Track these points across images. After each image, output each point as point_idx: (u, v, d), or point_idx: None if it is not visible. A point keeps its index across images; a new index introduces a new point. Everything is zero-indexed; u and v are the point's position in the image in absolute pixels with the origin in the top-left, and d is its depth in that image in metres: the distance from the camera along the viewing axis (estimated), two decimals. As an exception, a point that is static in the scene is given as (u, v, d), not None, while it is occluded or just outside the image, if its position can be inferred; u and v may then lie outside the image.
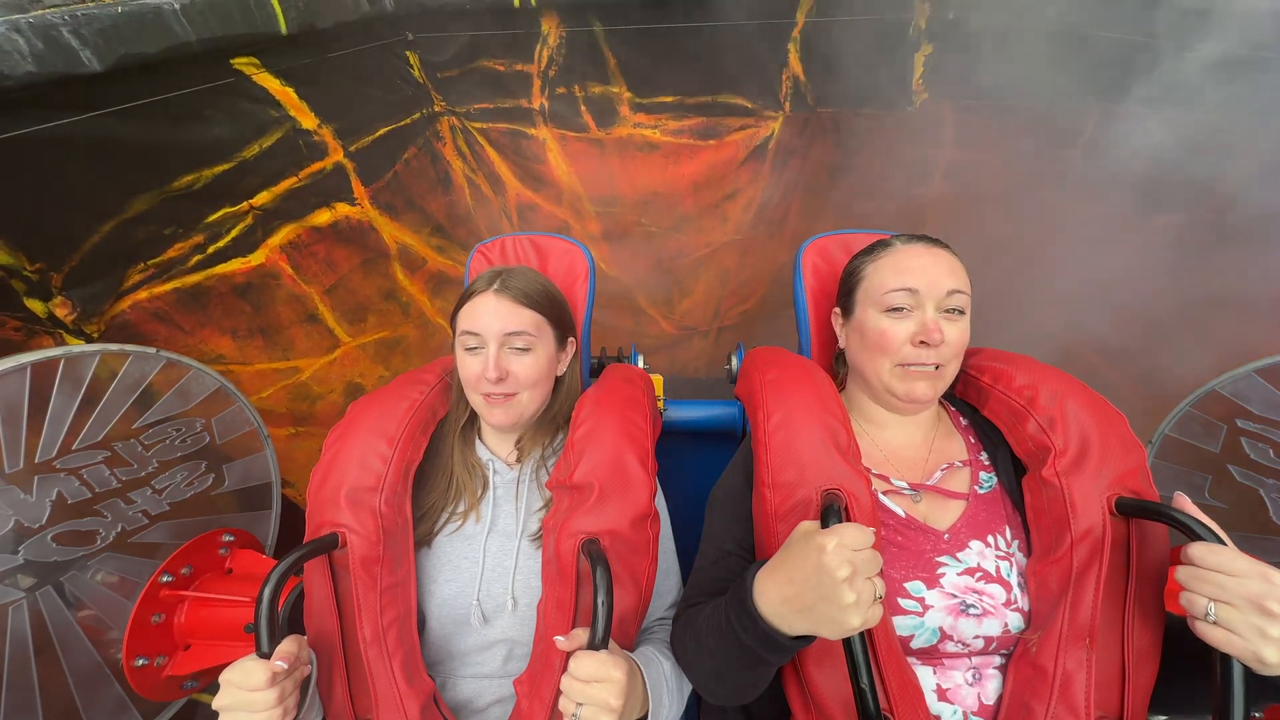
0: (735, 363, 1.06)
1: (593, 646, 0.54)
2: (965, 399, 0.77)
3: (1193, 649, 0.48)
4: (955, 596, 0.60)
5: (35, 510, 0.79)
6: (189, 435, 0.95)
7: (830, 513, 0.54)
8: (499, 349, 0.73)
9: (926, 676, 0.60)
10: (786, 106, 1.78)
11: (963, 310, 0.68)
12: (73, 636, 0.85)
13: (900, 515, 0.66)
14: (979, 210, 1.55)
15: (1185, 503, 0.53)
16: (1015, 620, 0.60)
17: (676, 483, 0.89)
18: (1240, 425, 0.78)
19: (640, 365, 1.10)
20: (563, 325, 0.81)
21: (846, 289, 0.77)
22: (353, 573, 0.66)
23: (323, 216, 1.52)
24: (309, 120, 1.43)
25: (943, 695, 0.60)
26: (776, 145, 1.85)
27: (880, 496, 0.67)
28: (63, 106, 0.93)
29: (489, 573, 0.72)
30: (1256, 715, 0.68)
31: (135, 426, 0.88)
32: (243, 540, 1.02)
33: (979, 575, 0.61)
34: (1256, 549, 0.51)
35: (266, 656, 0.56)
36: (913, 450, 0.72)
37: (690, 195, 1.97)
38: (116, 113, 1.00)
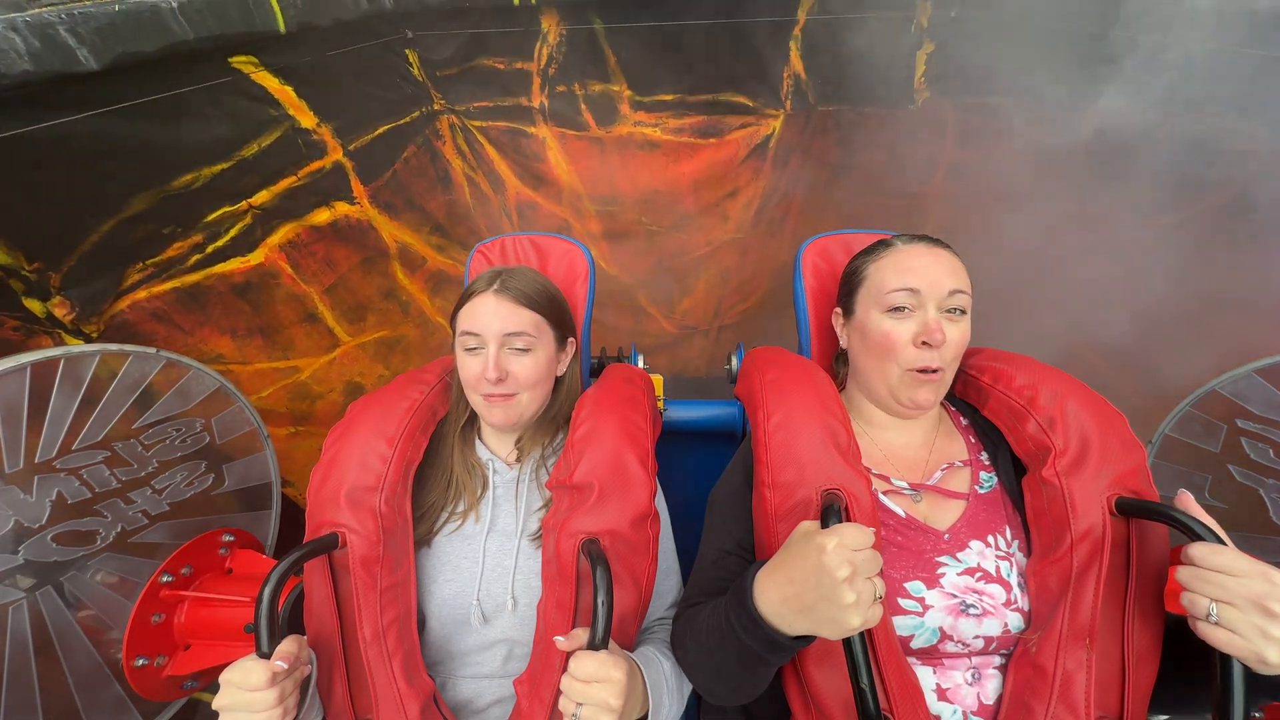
0: (735, 363, 1.06)
1: (593, 646, 0.54)
2: (965, 399, 0.77)
3: (1192, 649, 0.49)
4: (955, 596, 0.60)
5: (35, 510, 0.79)
6: (189, 435, 0.96)
7: (830, 513, 0.54)
8: (499, 349, 0.73)
9: (926, 676, 0.60)
10: (788, 105, 1.79)
11: (964, 310, 0.68)
12: (73, 636, 0.85)
13: (900, 515, 0.66)
14: (981, 208, 1.55)
15: (1189, 501, 0.53)
16: (1015, 620, 0.60)
17: (676, 483, 0.89)
18: (1240, 425, 0.78)
19: (640, 365, 1.11)
20: (563, 326, 0.81)
21: (847, 289, 0.77)
22: (353, 573, 0.66)
23: (322, 215, 1.53)
24: (308, 119, 1.43)
25: (942, 695, 0.60)
26: (777, 144, 1.85)
27: (880, 496, 0.67)
28: (60, 105, 0.93)
29: (489, 572, 0.73)
30: (1257, 715, 0.68)
31: (135, 426, 0.88)
32: (243, 540, 1.03)
33: (979, 575, 0.61)
34: (1256, 549, 0.51)
35: (266, 656, 0.56)
36: (913, 450, 0.72)
37: (691, 194, 1.97)
38: (114, 112, 1.00)
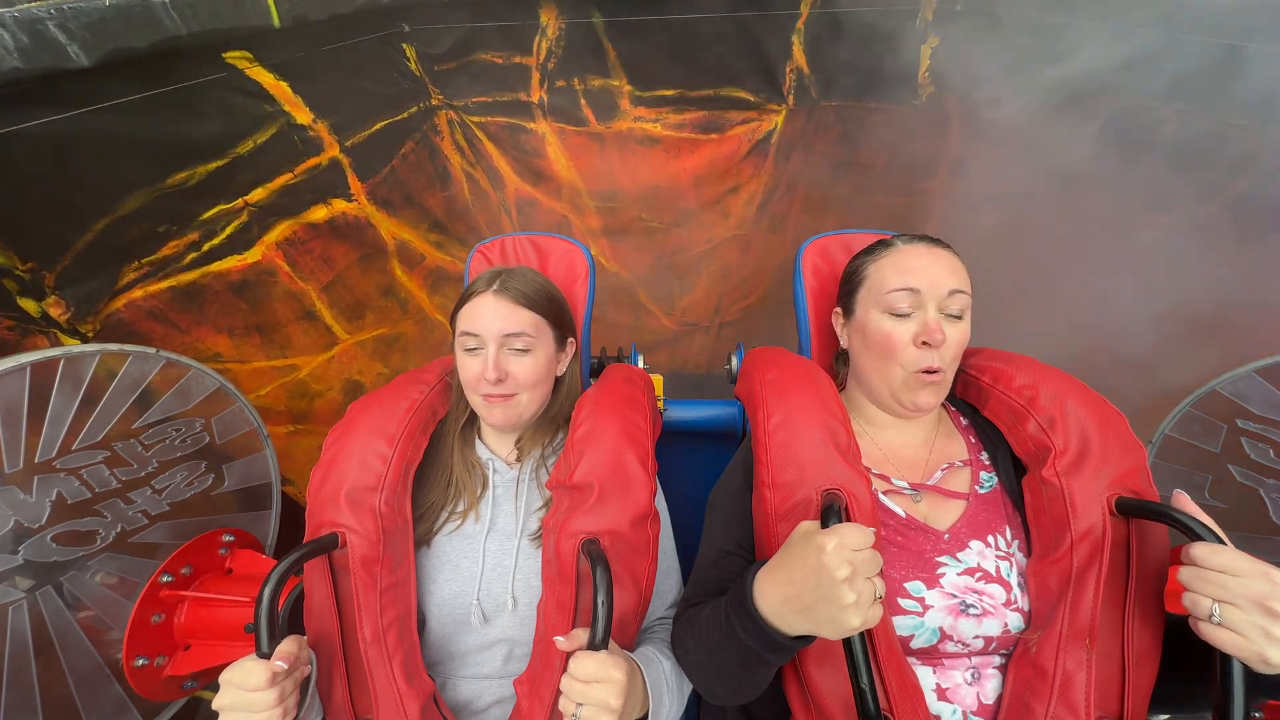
0: (735, 363, 1.06)
1: (593, 647, 0.55)
2: (965, 399, 0.78)
3: (1191, 648, 0.49)
4: (955, 596, 0.61)
5: (35, 510, 0.80)
6: (189, 435, 0.96)
7: (830, 513, 0.55)
8: (498, 350, 0.74)
9: (926, 676, 0.61)
10: (790, 100, 1.78)
11: (964, 311, 0.69)
12: (73, 637, 0.86)
13: (900, 515, 0.67)
14: (985, 206, 1.55)
15: (1185, 501, 0.54)
16: (1015, 620, 0.60)
17: (676, 483, 0.90)
18: (1240, 425, 0.79)
19: (640, 365, 1.11)
20: (562, 326, 0.82)
21: (848, 289, 0.78)
22: (353, 573, 0.67)
23: (319, 213, 1.52)
24: (304, 115, 1.42)
25: (942, 695, 0.60)
26: (779, 139, 1.85)
27: (880, 496, 0.68)
28: (51, 103, 0.92)
29: (489, 572, 0.73)
30: (1257, 715, 0.69)
31: (135, 426, 0.89)
32: (243, 540, 1.04)
33: (979, 575, 0.62)
34: (1257, 549, 0.52)
35: (266, 656, 0.57)
36: (913, 450, 0.73)
37: (692, 190, 1.96)
38: (106, 109, 0.99)
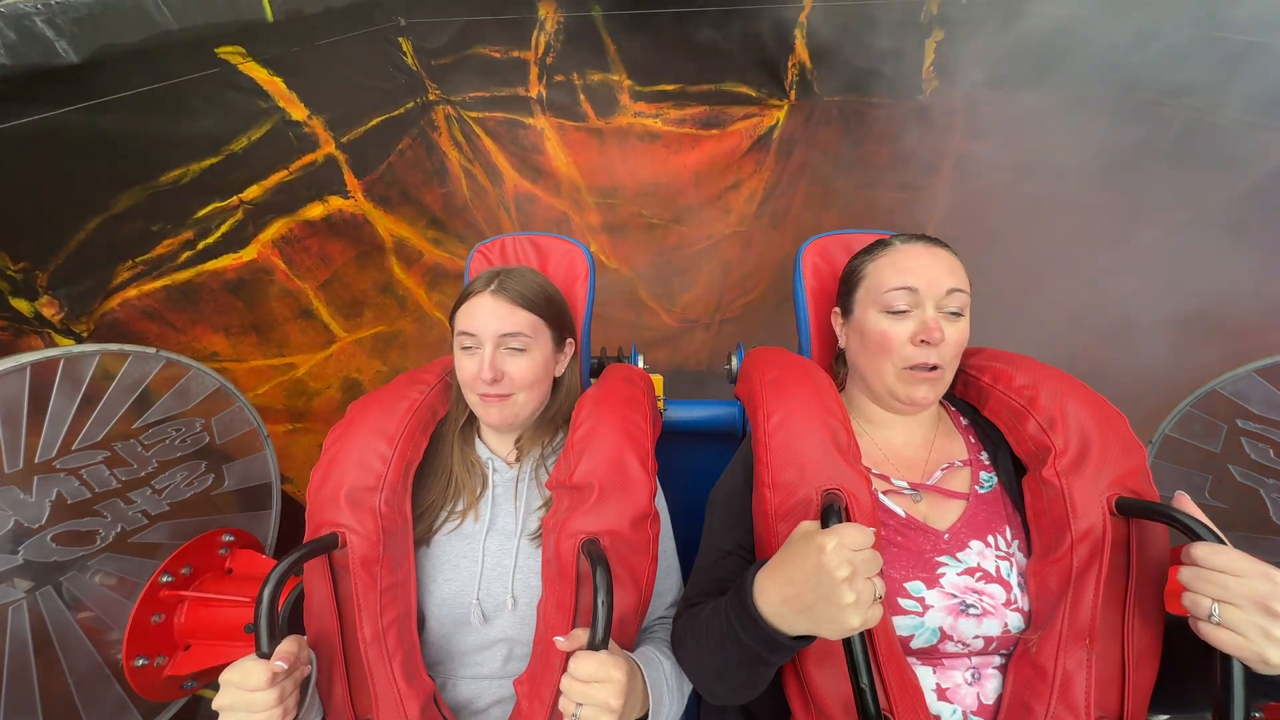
0: (735, 363, 1.07)
1: (593, 647, 0.55)
2: (965, 399, 0.78)
3: (1191, 648, 0.50)
4: (955, 596, 0.62)
5: (35, 510, 0.81)
6: (189, 435, 0.97)
7: (830, 513, 0.56)
8: (494, 350, 0.74)
9: (926, 676, 0.62)
10: (792, 95, 1.77)
11: (962, 310, 0.69)
12: (73, 637, 0.87)
13: (900, 515, 0.67)
14: (988, 201, 1.55)
15: (1186, 502, 0.54)
16: (1015, 620, 0.61)
17: (676, 483, 0.91)
18: (1240, 425, 0.80)
19: (640, 365, 1.12)
20: (560, 327, 0.83)
21: (846, 289, 0.79)
22: (353, 573, 0.68)
23: (315, 210, 1.52)
24: (298, 111, 1.42)
25: (942, 695, 0.61)
26: (781, 135, 1.84)
27: (880, 496, 0.68)
28: (40, 100, 0.91)
29: (488, 572, 0.74)
30: (1257, 715, 0.70)
31: (135, 426, 0.90)
32: (243, 540, 1.05)
33: (979, 575, 0.63)
34: (1257, 549, 0.52)
35: (266, 656, 0.57)
36: (913, 450, 0.73)
37: (692, 186, 1.96)
38: (97, 106, 0.98)
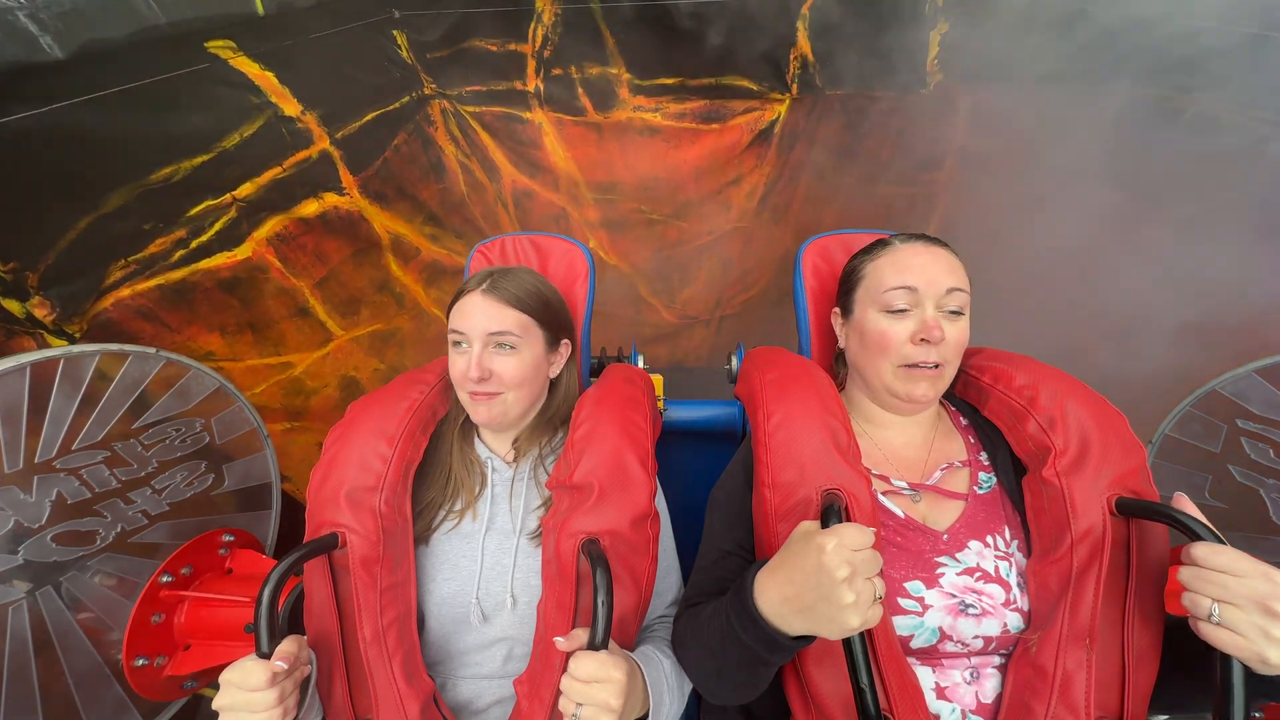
0: (735, 363, 1.08)
1: (593, 647, 0.56)
2: (965, 399, 0.79)
3: (1191, 649, 0.50)
4: (954, 596, 0.62)
5: (35, 510, 0.82)
6: (189, 435, 0.98)
7: (830, 513, 0.56)
8: (483, 348, 0.76)
9: (925, 676, 0.63)
10: (794, 88, 1.77)
11: (962, 309, 0.70)
12: (73, 637, 0.88)
13: (899, 516, 0.68)
14: (992, 197, 1.55)
15: (1185, 503, 0.55)
16: (1014, 620, 0.62)
17: (676, 483, 0.91)
18: (1240, 425, 0.80)
19: (640, 365, 1.12)
20: (554, 327, 0.83)
21: (846, 289, 0.79)
22: (353, 573, 0.69)
23: (310, 207, 1.53)
24: (291, 106, 1.41)
25: (941, 694, 0.62)
26: (782, 129, 1.85)
27: (879, 497, 0.69)
28: (24, 98, 0.90)
29: (488, 571, 0.75)
30: (1257, 715, 0.71)
31: (135, 426, 0.91)
32: (243, 540, 1.06)
33: (978, 575, 0.63)
34: (1257, 549, 0.53)
35: (266, 656, 0.58)
36: (913, 450, 0.74)
37: (692, 181, 1.97)
38: (84, 103, 0.97)
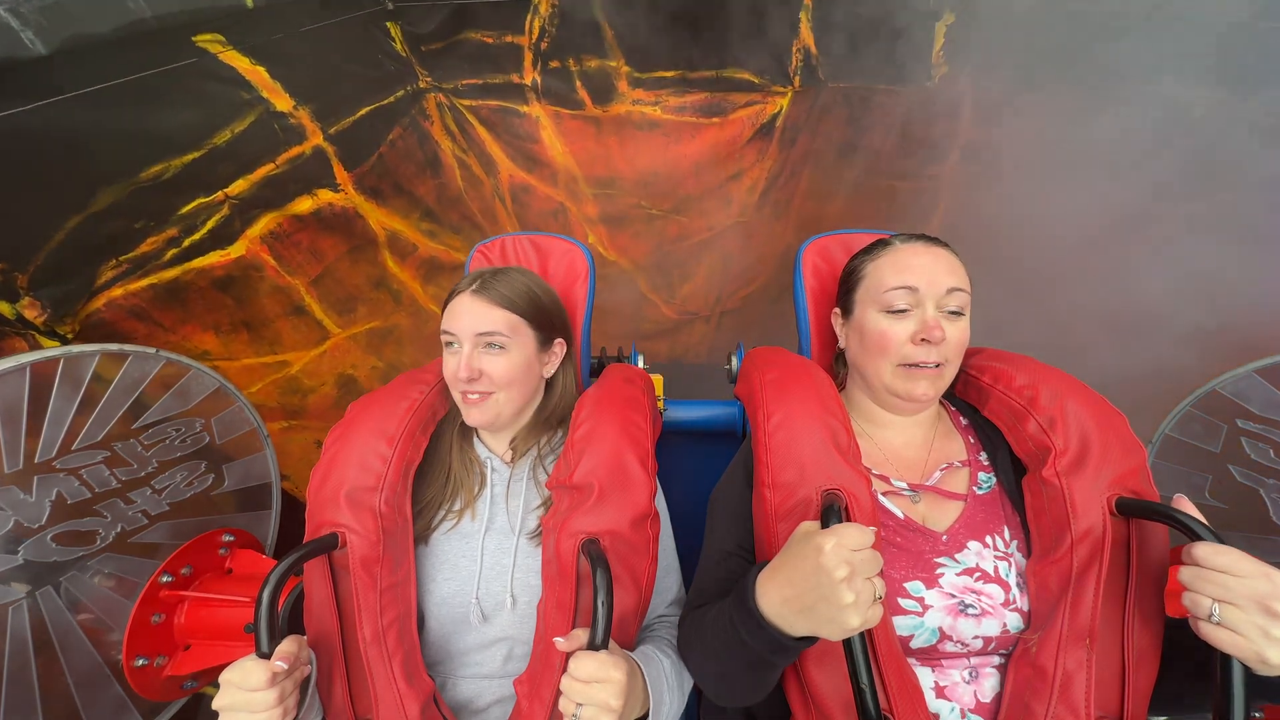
0: (735, 363, 1.08)
1: (593, 647, 0.57)
2: (965, 399, 0.80)
3: (1191, 649, 0.51)
4: (954, 597, 0.63)
5: (35, 510, 0.83)
6: (189, 435, 1.00)
7: (830, 513, 0.57)
8: (472, 349, 0.77)
9: (925, 676, 0.64)
10: (796, 81, 1.76)
11: (963, 309, 0.71)
12: (72, 637, 0.90)
13: (899, 516, 0.69)
14: (997, 193, 1.55)
15: (1185, 504, 0.56)
16: (1014, 620, 0.63)
17: (676, 483, 0.92)
18: (1240, 425, 0.81)
19: (640, 365, 1.13)
20: (545, 327, 0.84)
21: (846, 289, 0.80)
22: (353, 573, 0.70)
23: (304, 204, 1.52)
24: (283, 101, 1.40)
25: (940, 693, 0.63)
26: (784, 123, 1.84)
27: (879, 497, 0.70)
28: (6, 95, 0.89)
29: (487, 570, 0.76)
30: (1257, 715, 0.72)
31: (135, 426, 0.92)
32: (243, 540, 1.07)
33: (977, 575, 0.64)
34: (1257, 549, 0.53)
35: (266, 656, 0.59)
36: (913, 450, 0.75)
37: (692, 176, 1.96)
38: (69, 100, 0.96)
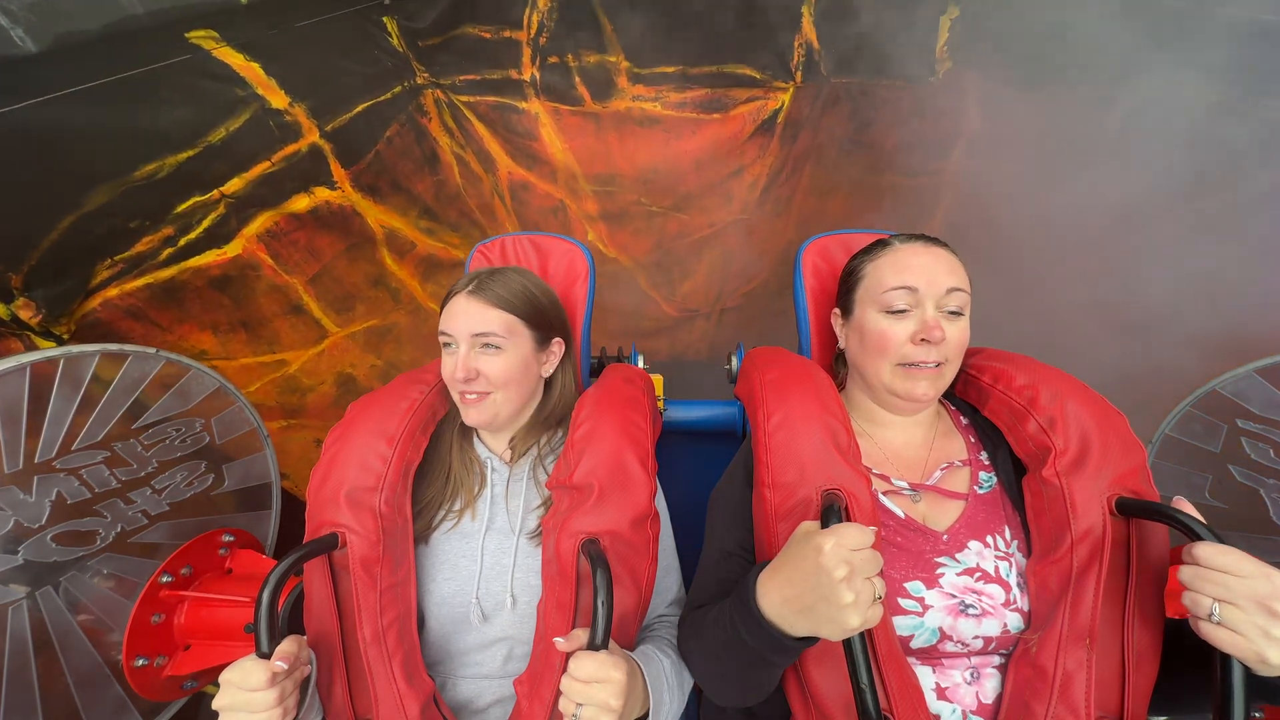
0: (735, 363, 1.09)
1: (592, 647, 0.58)
2: (965, 399, 0.80)
3: (1191, 649, 0.52)
4: (954, 596, 0.64)
5: (35, 510, 0.84)
6: (189, 435, 1.01)
7: (830, 513, 0.58)
8: (469, 349, 0.78)
9: (925, 676, 0.64)
10: (798, 76, 1.76)
11: (962, 309, 0.71)
12: (72, 637, 0.91)
13: (899, 516, 0.69)
14: (999, 190, 1.55)
15: (1184, 505, 0.56)
16: (1014, 620, 0.63)
17: (676, 483, 0.93)
18: (1241, 425, 0.82)
19: (640, 365, 1.14)
20: (542, 326, 0.84)
21: (846, 289, 0.80)
22: (353, 573, 0.70)
23: (301, 202, 1.52)
24: (279, 99, 1.40)
25: (941, 694, 0.64)
26: (786, 118, 1.84)
27: (880, 497, 0.71)
28: None
29: (487, 570, 0.77)
30: (1257, 715, 0.73)
31: (135, 426, 0.93)
32: (243, 540, 1.08)
33: (978, 575, 0.65)
34: (1257, 549, 0.54)
35: (266, 657, 0.60)
36: (913, 450, 0.76)
37: (693, 172, 1.96)
38: (61, 98, 0.97)
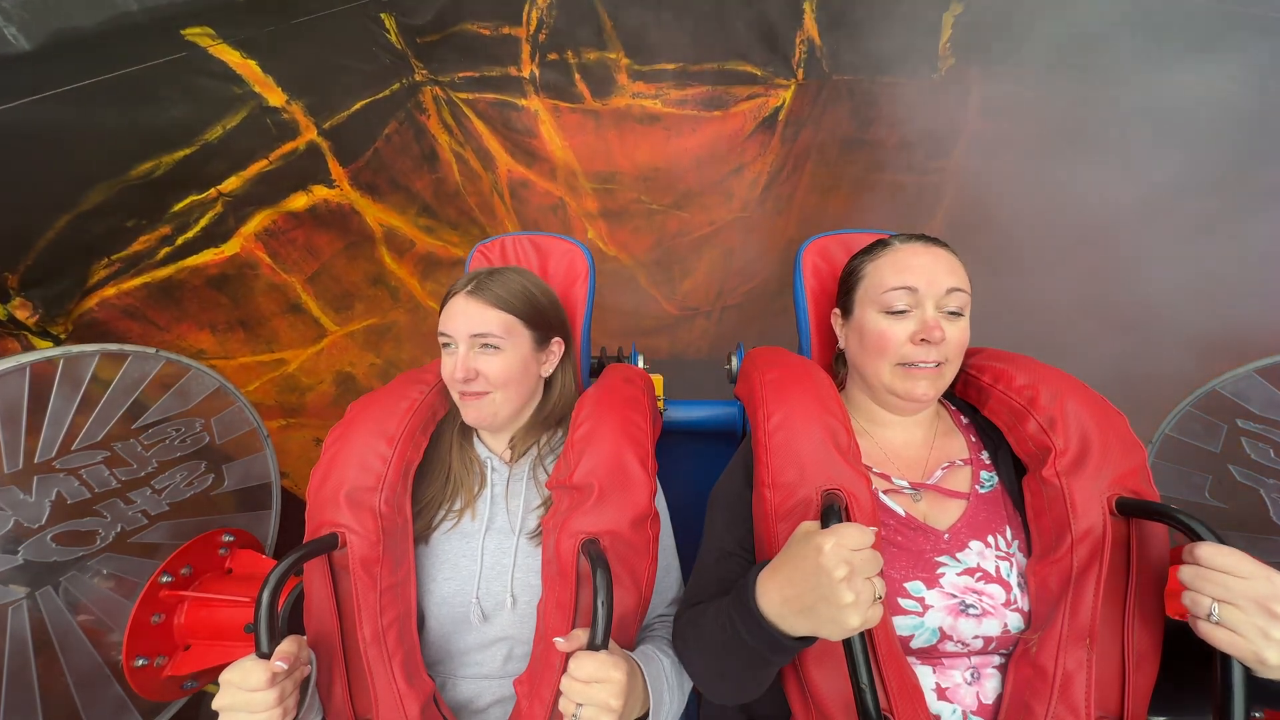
0: (735, 363, 1.10)
1: (592, 647, 0.58)
2: (965, 398, 0.81)
3: (1192, 649, 0.52)
4: (955, 596, 0.64)
5: (35, 510, 0.84)
6: (188, 435, 1.01)
7: (830, 513, 0.58)
8: (468, 349, 0.78)
9: (926, 676, 0.65)
10: (800, 73, 1.76)
11: (962, 309, 0.72)
12: (72, 637, 0.91)
13: (900, 515, 0.70)
14: (1002, 187, 1.55)
15: None
16: (1015, 620, 0.64)
17: (676, 483, 0.94)
18: (1241, 425, 0.82)
19: (640, 365, 1.15)
20: (542, 326, 0.85)
21: (846, 289, 0.81)
22: (352, 573, 0.71)
23: (299, 201, 1.52)
24: (276, 96, 1.39)
25: (942, 694, 0.64)
26: (787, 116, 1.84)
27: (881, 496, 0.71)
28: None
29: (487, 570, 0.78)
30: (1256, 716, 0.73)
31: (135, 426, 0.94)
32: (243, 540, 1.09)
33: (979, 575, 0.66)
34: (1257, 549, 0.54)
35: (266, 657, 0.60)
36: (913, 449, 0.76)
37: (693, 170, 1.96)
38: (55, 96, 0.97)
